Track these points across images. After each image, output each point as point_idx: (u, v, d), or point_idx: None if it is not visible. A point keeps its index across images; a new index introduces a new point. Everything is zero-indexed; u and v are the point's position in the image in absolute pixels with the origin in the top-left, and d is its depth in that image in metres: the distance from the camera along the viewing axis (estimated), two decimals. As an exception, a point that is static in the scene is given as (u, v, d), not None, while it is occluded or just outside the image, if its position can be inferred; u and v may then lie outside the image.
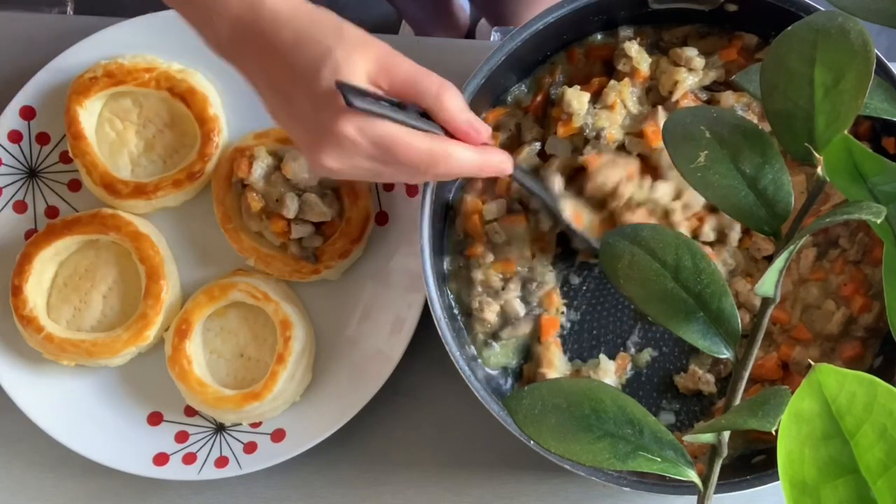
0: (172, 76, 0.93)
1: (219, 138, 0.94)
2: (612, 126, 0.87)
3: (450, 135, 0.72)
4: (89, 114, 0.94)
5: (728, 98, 0.87)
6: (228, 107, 0.96)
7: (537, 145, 0.89)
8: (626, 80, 0.87)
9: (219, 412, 0.90)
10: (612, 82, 0.87)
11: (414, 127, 0.70)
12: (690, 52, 0.87)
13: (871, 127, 0.86)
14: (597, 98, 0.88)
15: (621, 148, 0.88)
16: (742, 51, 0.89)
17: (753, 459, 0.83)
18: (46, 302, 0.93)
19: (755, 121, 0.86)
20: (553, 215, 0.86)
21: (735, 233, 0.87)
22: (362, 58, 0.69)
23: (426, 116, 0.71)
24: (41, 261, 0.91)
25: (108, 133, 0.95)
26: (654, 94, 0.89)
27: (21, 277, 0.91)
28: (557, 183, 0.86)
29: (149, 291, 0.91)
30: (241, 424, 0.91)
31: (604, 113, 0.87)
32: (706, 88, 0.88)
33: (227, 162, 0.92)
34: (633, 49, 0.87)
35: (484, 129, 0.73)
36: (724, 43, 0.89)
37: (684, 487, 0.77)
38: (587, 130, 0.87)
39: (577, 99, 0.86)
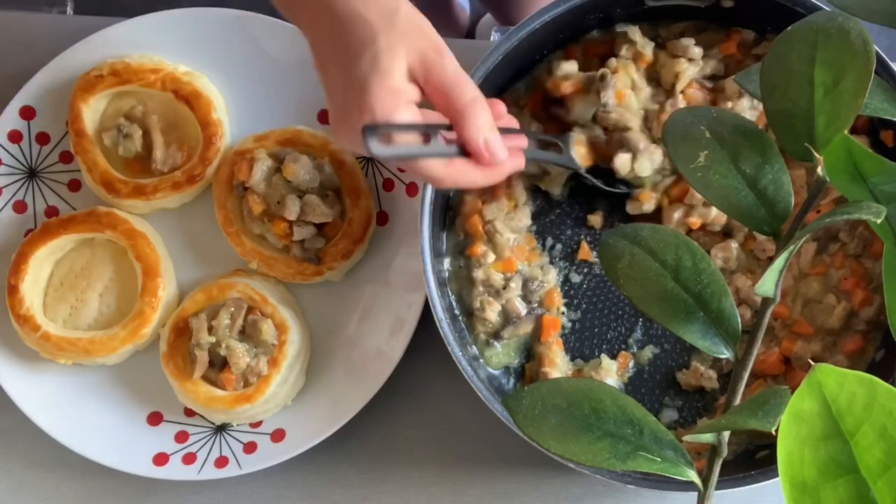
0: (178, 78, 0.93)
1: (220, 143, 0.93)
2: (620, 80, 0.87)
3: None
4: (93, 111, 0.94)
5: (732, 84, 0.86)
6: (233, 111, 0.96)
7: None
8: (630, 62, 0.87)
9: (209, 412, 0.90)
10: (612, 59, 0.87)
11: (430, 155, 0.71)
12: (687, 42, 0.87)
13: (869, 120, 0.86)
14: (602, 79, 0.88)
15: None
16: (740, 46, 0.89)
17: (757, 455, 0.84)
18: (43, 301, 0.93)
19: (761, 108, 0.86)
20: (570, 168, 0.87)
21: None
22: (406, 50, 0.69)
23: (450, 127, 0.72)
24: (37, 259, 0.91)
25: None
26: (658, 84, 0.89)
27: (17, 276, 0.91)
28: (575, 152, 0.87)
29: (146, 289, 0.91)
30: (241, 424, 0.91)
31: (608, 72, 0.87)
32: (708, 78, 0.89)
33: (227, 165, 0.92)
34: (637, 34, 0.87)
35: (500, 152, 0.72)
36: (722, 38, 0.89)
37: (688, 484, 0.78)
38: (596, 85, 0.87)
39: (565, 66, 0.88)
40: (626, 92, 0.86)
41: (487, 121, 0.71)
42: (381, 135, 0.67)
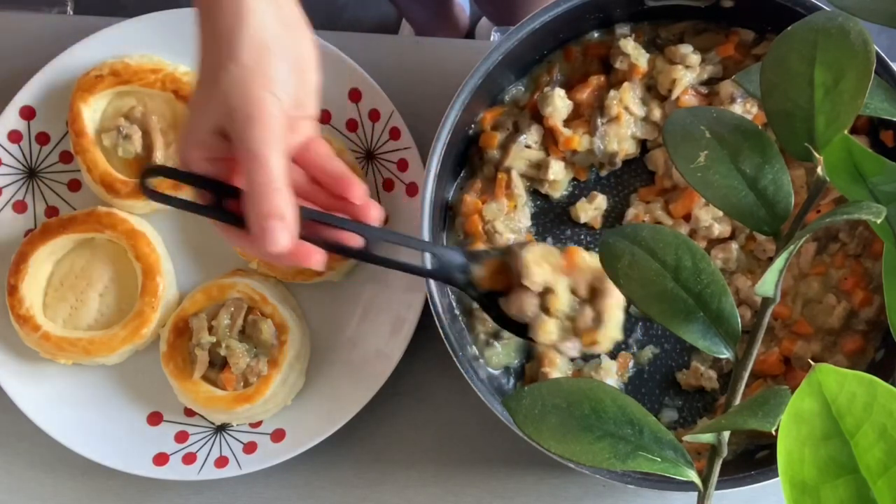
0: (178, 79, 0.93)
1: (220, 141, 0.93)
2: (623, 142, 0.87)
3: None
4: (93, 111, 0.94)
5: (727, 87, 0.87)
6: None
7: (532, 138, 0.89)
8: (626, 84, 0.87)
9: (209, 412, 0.90)
10: (613, 92, 0.87)
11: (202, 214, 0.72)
12: (685, 49, 0.87)
13: (869, 120, 0.86)
14: (602, 111, 0.88)
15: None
16: (739, 47, 0.89)
17: (757, 455, 0.84)
18: (43, 301, 0.93)
19: (755, 110, 0.86)
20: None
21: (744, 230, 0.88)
22: (218, 105, 0.68)
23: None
24: (37, 260, 0.91)
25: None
26: (655, 93, 0.89)
27: (17, 276, 0.91)
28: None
29: (146, 289, 0.91)
30: (241, 424, 0.91)
31: (612, 129, 0.87)
32: (704, 83, 0.89)
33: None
34: (630, 46, 0.87)
35: (280, 240, 0.67)
36: (721, 39, 0.89)
37: (688, 484, 0.78)
38: (598, 154, 0.87)
39: (558, 98, 0.88)
40: (624, 148, 0.88)
41: (277, 204, 0.67)
42: (160, 178, 0.75)
